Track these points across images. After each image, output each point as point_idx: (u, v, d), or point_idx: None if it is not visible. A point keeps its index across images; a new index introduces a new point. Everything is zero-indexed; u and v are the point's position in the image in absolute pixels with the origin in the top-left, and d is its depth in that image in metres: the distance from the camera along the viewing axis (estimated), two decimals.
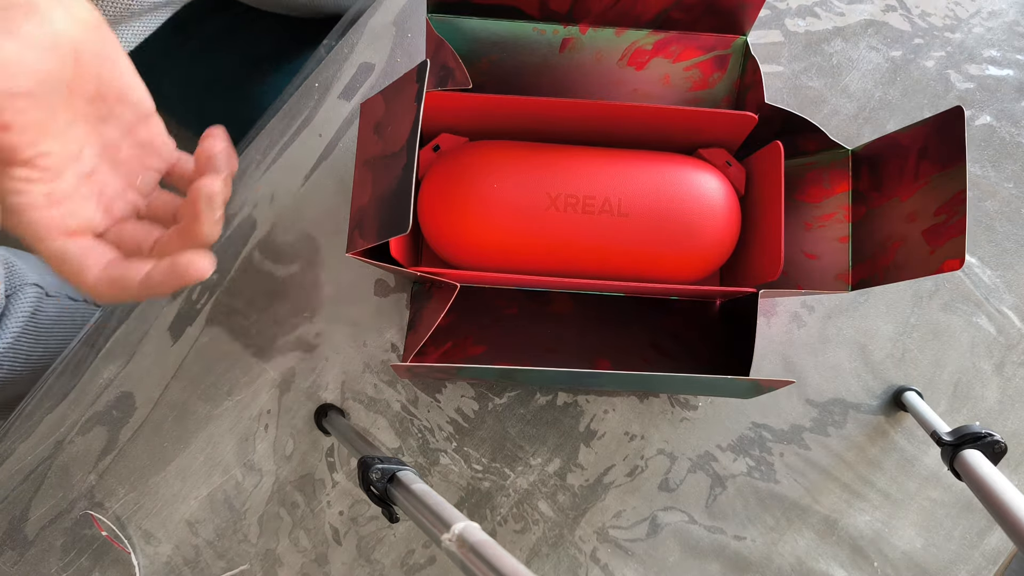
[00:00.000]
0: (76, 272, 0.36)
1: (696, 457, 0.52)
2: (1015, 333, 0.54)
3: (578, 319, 0.52)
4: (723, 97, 0.51)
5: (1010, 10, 0.58)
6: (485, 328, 0.51)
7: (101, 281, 0.36)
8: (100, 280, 0.36)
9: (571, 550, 0.51)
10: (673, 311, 0.52)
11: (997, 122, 0.56)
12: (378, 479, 0.38)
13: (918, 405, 0.50)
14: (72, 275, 0.36)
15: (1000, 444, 0.44)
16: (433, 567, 0.50)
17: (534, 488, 0.51)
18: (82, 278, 0.36)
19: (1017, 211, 0.55)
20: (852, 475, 0.52)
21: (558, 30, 0.48)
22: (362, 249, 0.43)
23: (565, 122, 0.47)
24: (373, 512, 0.51)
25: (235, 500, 0.50)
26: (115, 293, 0.36)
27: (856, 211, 0.47)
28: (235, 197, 0.53)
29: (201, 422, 0.51)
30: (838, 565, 0.52)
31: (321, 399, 0.51)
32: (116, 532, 0.50)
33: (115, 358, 0.51)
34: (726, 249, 0.47)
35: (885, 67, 0.56)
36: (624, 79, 0.50)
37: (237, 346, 0.51)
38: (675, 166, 0.47)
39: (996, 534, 0.52)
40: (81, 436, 0.50)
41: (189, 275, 0.35)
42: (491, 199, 0.45)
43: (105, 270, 0.36)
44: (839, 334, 0.53)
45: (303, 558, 0.50)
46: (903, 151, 0.44)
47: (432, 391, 0.52)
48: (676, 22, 0.48)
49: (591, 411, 0.52)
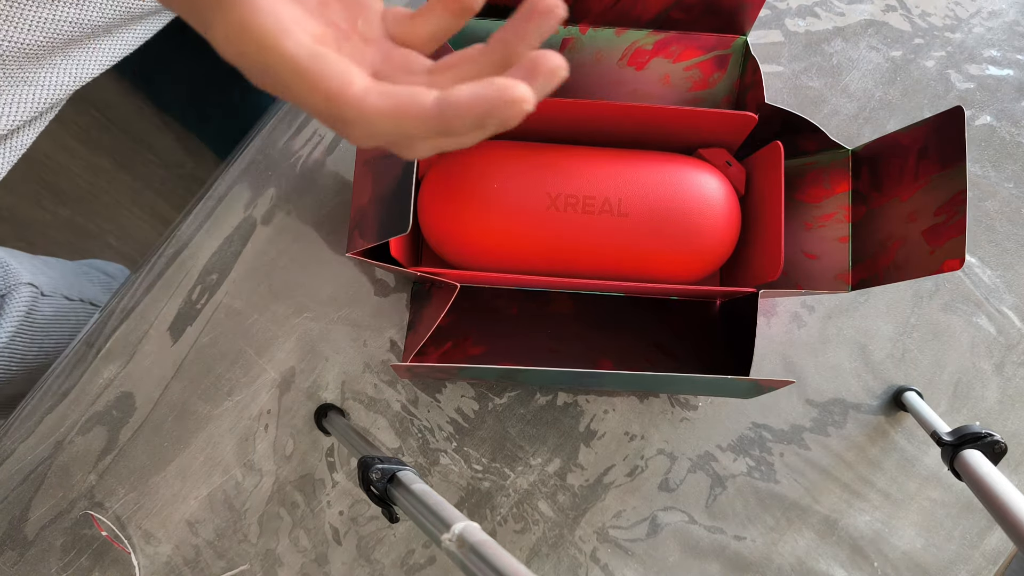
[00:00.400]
0: (339, 80, 0.27)
1: (696, 457, 0.52)
2: (1015, 333, 0.54)
3: (578, 319, 0.52)
4: (723, 97, 0.51)
5: (1010, 10, 0.58)
6: (485, 328, 0.51)
7: (373, 94, 0.27)
8: (371, 93, 0.27)
9: (571, 550, 0.51)
10: (673, 311, 0.52)
11: (997, 122, 0.56)
12: (378, 479, 0.38)
13: (918, 405, 0.50)
14: (332, 86, 0.27)
15: (1000, 444, 0.44)
16: (433, 567, 0.50)
17: (534, 488, 0.51)
18: (346, 90, 0.27)
19: (1017, 211, 0.55)
20: (852, 475, 0.52)
21: (558, 30, 0.48)
22: (362, 249, 0.43)
23: (565, 122, 0.47)
24: (373, 512, 0.51)
25: (235, 500, 0.50)
26: (394, 115, 0.27)
27: (856, 211, 0.47)
28: (236, 197, 0.53)
29: (201, 422, 0.51)
30: (838, 565, 0.52)
31: (321, 399, 0.51)
32: (116, 532, 0.50)
33: (115, 358, 0.51)
34: (726, 249, 0.47)
35: (885, 67, 0.56)
36: (624, 79, 0.50)
37: (237, 346, 0.51)
38: (675, 166, 0.47)
39: (996, 534, 0.52)
40: (81, 436, 0.50)
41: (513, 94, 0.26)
42: (491, 199, 0.45)
43: (380, 87, 0.27)
44: (839, 334, 0.53)
45: (303, 558, 0.50)
46: (903, 151, 0.44)
47: (432, 391, 0.52)
48: (676, 22, 0.48)
49: (591, 411, 0.52)
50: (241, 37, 0.27)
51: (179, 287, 0.52)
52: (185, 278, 0.52)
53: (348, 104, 0.27)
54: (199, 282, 0.52)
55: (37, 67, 0.46)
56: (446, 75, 0.30)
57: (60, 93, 0.48)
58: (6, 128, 0.46)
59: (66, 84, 0.48)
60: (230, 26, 0.27)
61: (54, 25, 0.45)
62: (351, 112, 0.27)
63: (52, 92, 0.48)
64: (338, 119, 0.28)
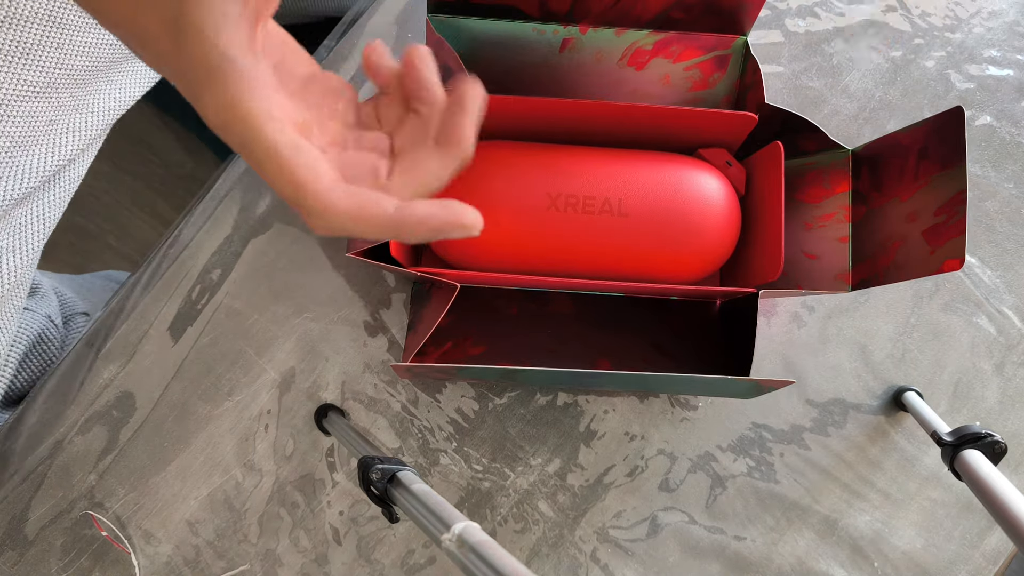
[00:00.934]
0: (308, 172, 0.29)
1: (696, 457, 0.52)
2: (1015, 333, 0.54)
3: (578, 319, 0.52)
4: (723, 97, 0.51)
5: (1010, 10, 0.58)
6: (485, 328, 0.51)
7: (338, 192, 0.29)
8: (336, 191, 0.29)
9: (571, 550, 0.51)
10: (673, 311, 0.52)
11: (997, 122, 0.56)
12: (378, 479, 0.38)
13: (918, 405, 0.50)
14: (301, 177, 0.29)
15: (1000, 444, 0.44)
16: (433, 567, 0.50)
17: (534, 488, 0.51)
18: (314, 184, 0.29)
19: (1017, 211, 0.55)
20: (852, 475, 0.52)
21: (558, 30, 0.48)
22: (362, 249, 0.43)
23: (565, 122, 0.47)
24: (373, 512, 0.51)
25: (235, 500, 0.50)
26: (355, 216, 0.29)
27: (856, 211, 0.47)
28: (236, 197, 0.53)
29: (201, 422, 0.51)
30: (838, 565, 0.52)
31: (321, 399, 0.51)
32: (116, 532, 0.50)
33: (115, 358, 0.51)
34: (726, 249, 0.47)
35: (885, 67, 0.56)
36: (624, 79, 0.50)
37: (237, 346, 0.51)
38: (675, 166, 0.47)
39: (996, 534, 0.52)
40: (81, 436, 0.50)
41: (463, 221, 0.30)
42: (491, 199, 0.45)
43: (345, 187, 0.30)
44: (839, 334, 0.53)
45: (303, 558, 0.50)
46: (903, 151, 0.44)
47: (432, 391, 0.52)
48: (676, 22, 0.48)
49: (591, 411, 0.52)
50: (229, 115, 0.28)
51: (179, 287, 0.52)
52: (185, 278, 0.52)
53: (314, 197, 0.29)
54: (199, 282, 0.52)
55: (84, 92, 0.47)
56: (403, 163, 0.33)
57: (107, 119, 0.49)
58: (65, 158, 0.47)
59: (112, 109, 0.50)
60: (220, 104, 0.28)
61: (98, 49, 0.46)
62: (316, 205, 0.29)
63: (100, 118, 0.49)
64: (302, 207, 0.30)
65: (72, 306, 0.61)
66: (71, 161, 0.48)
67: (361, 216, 0.30)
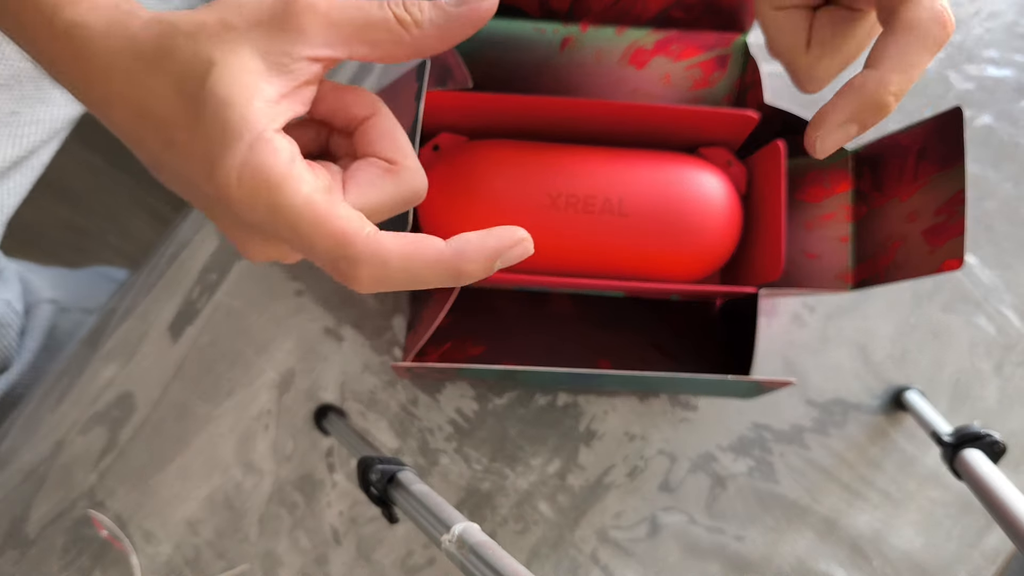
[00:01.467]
0: (354, 224, 0.28)
1: (696, 457, 0.52)
2: (1015, 333, 0.54)
3: (578, 319, 0.51)
4: (724, 96, 0.51)
5: (1009, 10, 0.58)
6: (485, 328, 0.51)
7: (387, 236, 0.27)
8: (385, 235, 0.27)
9: (571, 551, 0.51)
10: (673, 311, 0.52)
11: (997, 122, 0.56)
12: (378, 480, 0.38)
13: (918, 405, 0.50)
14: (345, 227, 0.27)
15: (1000, 444, 0.44)
16: (433, 568, 0.50)
17: (534, 489, 0.51)
18: (360, 232, 0.28)
19: (1017, 211, 0.55)
20: (852, 475, 0.52)
21: (558, 29, 0.48)
22: None
23: (565, 121, 0.47)
24: (373, 512, 0.51)
25: (235, 500, 0.50)
26: (409, 256, 0.27)
27: (857, 211, 0.47)
28: None
29: (201, 422, 0.51)
30: (838, 565, 0.52)
31: (321, 399, 0.51)
32: (116, 532, 0.50)
33: (115, 358, 0.51)
34: (727, 249, 0.47)
35: None
36: (624, 78, 0.50)
37: (237, 346, 0.51)
38: (676, 165, 0.47)
39: (996, 534, 0.52)
40: (81, 436, 0.50)
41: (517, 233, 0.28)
42: (491, 199, 0.45)
43: (390, 232, 0.28)
44: (839, 334, 0.53)
45: (303, 558, 0.50)
46: (903, 151, 0.44)
47: (432, 391, 0.52)
48: (677, 21, 0.48)
49: (591, 411, 0.52)
50: (255, 177, 0.26)
51: (179, 287, 0.52)
52: (185, 278, 0.52)
53: (363, 244, 0.27)
54: (199, 282, 0.52)
55: (49, 84, 0.46)
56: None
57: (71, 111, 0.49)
58: (27, 149, 0.47)
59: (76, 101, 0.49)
60: (245, 166, 0.26)
61: None
62: (365, 251, 0.27)
63: (64, 110, 0.48)
64: (348, 259, 0.27)
65: (37, 293, 0.61)
66: (32, 152, 0.48)
67: (417, 255, 0.27)
